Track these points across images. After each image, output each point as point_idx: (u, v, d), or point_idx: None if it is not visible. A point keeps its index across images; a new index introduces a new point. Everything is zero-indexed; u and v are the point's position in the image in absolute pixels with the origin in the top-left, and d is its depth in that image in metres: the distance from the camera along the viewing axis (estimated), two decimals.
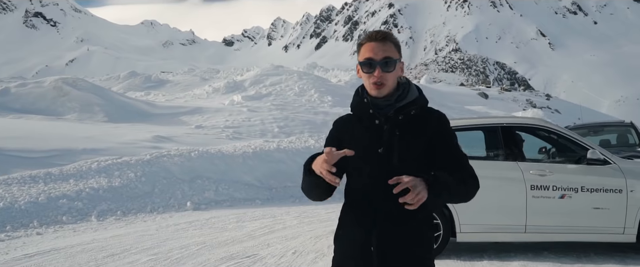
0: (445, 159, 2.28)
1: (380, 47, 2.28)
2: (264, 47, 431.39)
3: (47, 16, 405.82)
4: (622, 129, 12.05)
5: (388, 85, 2.28)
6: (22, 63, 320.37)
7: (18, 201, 9.42)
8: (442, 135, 2.31)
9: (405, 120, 2.28)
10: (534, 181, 6.14)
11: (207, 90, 30.29)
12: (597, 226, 6.12)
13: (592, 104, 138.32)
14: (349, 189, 2.36)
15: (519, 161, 6.33)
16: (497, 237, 6.42)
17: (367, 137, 2.30)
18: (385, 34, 2.32)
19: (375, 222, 2.24)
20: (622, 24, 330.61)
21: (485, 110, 34.91)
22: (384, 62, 2.26)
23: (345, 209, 2.37)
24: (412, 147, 2.25)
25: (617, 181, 6.07)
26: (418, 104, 2.32)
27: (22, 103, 19.69)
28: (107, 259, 6.56)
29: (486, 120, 7.16)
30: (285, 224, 9.01)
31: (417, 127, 2.29)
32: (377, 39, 2.29)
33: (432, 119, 2.32)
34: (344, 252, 2.34)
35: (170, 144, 14.89)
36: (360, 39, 2.39)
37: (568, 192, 6.09)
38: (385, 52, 2.27)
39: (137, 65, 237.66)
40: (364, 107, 2.33)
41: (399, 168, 2.19)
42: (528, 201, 6.11)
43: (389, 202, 2.20)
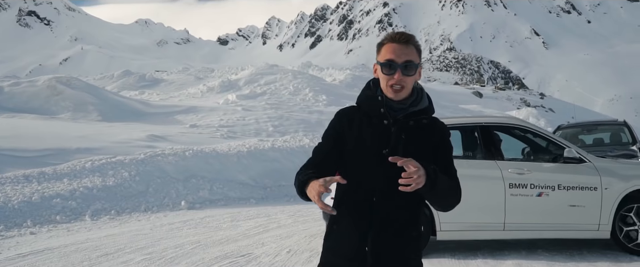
0: (442, 168, 2.27)
1: (402, 49, 2.22)
2: (258, 46, 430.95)
3: (40, 15, 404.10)
4: (615, 128, 12.10)
5: (406, 89, 2.24)
6: (15, 62, 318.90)
7: (11, 200, 9.38)
8: (443, 148, 2.32)
9: (414, 127, 2.27)
10: (512, 179, 6.23)
11: (201, 90, 30.25)
12: (573, 223, 6.24)
13: (585, 103, 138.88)
14: (345, 185, 2.27)
15: (498, 159, 6.42)
16: (477, 235, 6.51)
17: (373, 136, 2.26)
18: (408, 36, 2.26)
19: (372, 223, 2.22)
20: (615, 23, 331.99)
21: (479, 109, 35.00)
22: (405, 66, 2.21)
23: (339, 205, 2.29)
24: (416, 153, 2.20)
25: (592, 179, 6.20)
26: (429, 113, 2.32)
27: (16, 102, 19.60)
28: (101, 258, 6.54)
29: (465, 120, 7.21)
30: (279, 223, 9.01)
31: (424, 134, 2.28)
32: (400, 40, 2.24)
33: (437, 130, 2.32)
34: (336, 250, 2.29)
35: (165, 143, 14.87)
36: (381, 38, 2.32)
37: (545, 190, 6.19)
38: (407, 56, 2.21)
39: (131, 64, 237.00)
40: (375, 104, 2.28)
41: (402, 172, 2.14)
42: (506, 199, 6.21)
43: (388, 203, 2.19)
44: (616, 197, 6.15)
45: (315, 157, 2.36)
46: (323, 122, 15.42)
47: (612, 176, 6.23)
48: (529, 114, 38.01)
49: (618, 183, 6.19)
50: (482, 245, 6.86)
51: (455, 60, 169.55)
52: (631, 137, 11.36)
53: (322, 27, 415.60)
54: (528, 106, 50.84)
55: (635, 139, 11.25)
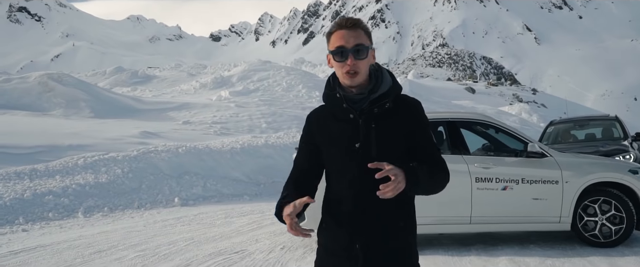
0: (419, 150, 2.24)
1: (351, 34, 2.19)
2: (251, 43, 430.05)
3: (31, 11, 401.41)
4: (607, 123, 12.14)
5: (361, 74, 2.20)
6: (6, 58, 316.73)
7: (3, 197, 9.33)
8: (418, 125, 2.25)
9: (380, 113, 2.21)
10: (478, 173, 6.35)
11: (194, 86, 30.16)
12: (536, 216, 6.40)
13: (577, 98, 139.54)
14: (329, 185, 2.32)
15: (464, 154, 6.53)
16: (444, 228, 6.64)
17: (343, 132, 2.23)
18: (355, 20, 2.23)
19: (357, 220, 2.20)
20: (606, 19, 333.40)
21: (472, 105, 35.08)
22: (356, 50, 2.17)
23: (327, 204, 2.32)
24: (390, 140, 2.20)
25: (553, 173, 6.36)
26: (392, 95, 2.24)
27: (7, 99, 19.47)
28: (94, 255, 6.52)
29: (430, 116, 7.25)
30: (273, 220, 9.00)
31: (394, 118, 2.22)
32: (347, 26, 2.20)
33: (407, 108, 2.26)
34: (327, 248, 2.31)
35: (158, 139, 14.83)
36: (329, 28, 2.30)
37: (510, 184, 6.33)
38: (356, 39, 2.18)
39: (124, 61, 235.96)
40: (336, 101, 2.25)
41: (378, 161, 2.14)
42: (473, 193, 6.33)
43: (371, 199, 2.15)
44: (576, 190, 6.32)
45: (296, 168, 2.39)
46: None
47: (573, 170, 6.39)
48: (521, 109, 38.19)
49: (578, 177, 6.35)
50: (475, 241, 6.89)
51: (448, 56, 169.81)
52: (623, 132, 11.41)
53: (315, 23, 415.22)
54: (520, 102, 51.04)
55: (627, 133, 11.30)
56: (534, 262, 5.82)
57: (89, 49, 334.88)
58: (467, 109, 28.19)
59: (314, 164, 2.33)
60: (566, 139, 11.68)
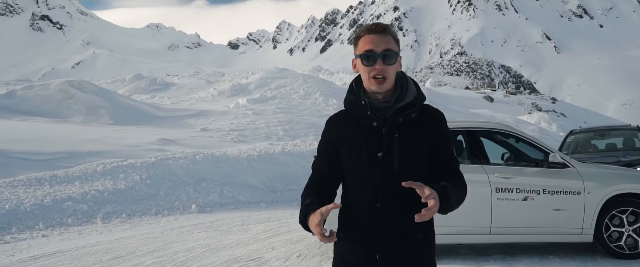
0: (440, 163, 2.21)
1: (380, 39, 2.17)
2: (269, 50, 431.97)
3: (53, 19, 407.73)
4: (628, 133, 11.96)
5: (389, 80, 2.18)
6: (28, 66, 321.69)
7: (24, 203, 9.45)
8: (441, 137, 2.23)
9: (405, 123, 2.18)
10: (498, 183, 6.28)
11: (212, 93, 30.36)
12: (558, 227, 6.30)
13: (598, 108, 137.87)
14: (348, 193, 2.27)
15: (484, 164, 6.47)
16: (463, 239, 6.54)
17: (365, 141, 2.19)
18: (384, 26, 2.21)
19: (377, 231, 2.17)
20: (627, 28, 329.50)
21: (490, 114, 34.83)
22: (384, 55, 2.15)
23: (346, 213, 2.27)
24: (413, 151, 2.17)
25: (575, 184, 6.26)
26: (418, 105, 2.22)
27: (28, 106, 19.77)
28: (112, 261, 6.56)
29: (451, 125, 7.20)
30: (290, 227, 8.99)
31: (417, 128, 2.19)
32: (376, 31, 2.19)
33: (431, 119, 2.23)
34: (345, 258, 2.26)
35: (176, 146, 14.93)
36: (357, 32, 2.29)
37: (531, 195, 6.24)
38: (386, 44, 2.17)
39: (143, 68, 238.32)
40: (360, 108, 2.21)
41: (401, 173, 2.12)
42: (493, 203, 6.25)
43: (392, 210, 2.14)
44: (598, 201, 6.21)
45: (315, 174, 2.34)
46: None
47: (595, 181, 6.29)
48: (540, 118, 37.81)
49: (601, 188, 6.25)
50: (493, 251, 6.81)
51: (466, 64, 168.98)
52: None
53: (332, 31, 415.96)
54: (539, 111, 50.58)
55: None
56: (533, 261, 5.75)
57: (108, 57, 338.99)
58: (485, 117, 27.99)
59: (334, 169, 2.28)
60: (586, 148, 11.52)
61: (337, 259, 2.32)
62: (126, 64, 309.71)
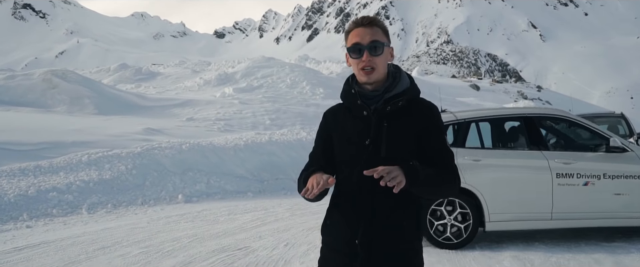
0: (430, 154, 2.22)
1: (367, 31, 2.22)
2: (255, 40, 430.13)
3: (36, 8, 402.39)
4: (612, 120, 12.09)
5: (378, 71, 2.23)
6: (10, 55, 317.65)
7: (7, 194, 9.35)
8: (431, 128, 2.24)
9: (393, 112, 2.22)
10: (559, 169, 6.32)
11: (198, 83, 30.18)
12: (619, 211, 6.37)
13: (582, 96, 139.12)
14: (338, 180, 2.31)
15: (543, 150, 6.51)
16: (525, 225, 6.55)
17: (355, 129, 2.25)
18: (371, 18, 2.27)
19: (361, 216, 2.20)
20: (612, 16, 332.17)
21: (477, 102, 35.00)
22: (371, 46, 2.21)
23: (334, 200, 2.34)
24: (400, 140, 2.20)
25: (636, 168, 6.34)
26: (407, 95, 2.25)
27: (11, 96, 19.52)
28: (98, 252, 6.52)
29: (506, 112, 7.26)
30: (277, 217, 8.99)
31: (406, 119, 2.22)
32: (363, 24, 2.24)
33: (422, 111, 2.25)
34: (329, 244, 2.32)
35: (161, 136, 14.83)
36: (347, 27, 2.34)
37: (591, 180, 6.31)
38: (372, 36, 2.22)
39: (128, 58, 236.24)
40: (352, 97, 2.28)
41: (387, 161, 2.12)
42: (554, 188, 6.29)
43: (376, 196, 2.17)
44: None
45: (312, 163, 2.40)
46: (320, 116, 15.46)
47: None
48: (527, 106, 38.05)
49: None
50: (478, 238, 6.86)
51: (453, 53, 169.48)
52: (628, 129, 11.36)
53: (319, 20, 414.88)
54: (525, 99, 50.94)
55: (632, 131, 11.25)
56: (538, 260, 5.80)
57: (93, 46, 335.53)
58: (472, 106, 28.12)
59: (330, 159, 2.35)
60: None
61: (323, 247, 2.37)
62: (111, 53, 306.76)
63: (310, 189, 2.11)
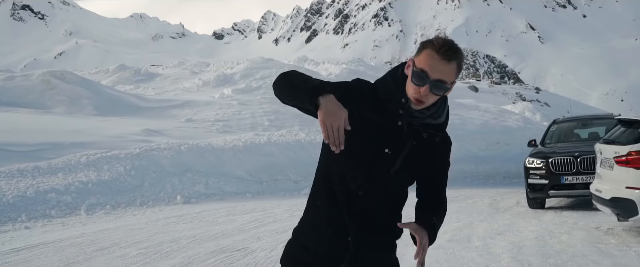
0: (433, 180, 2.25)
1: (443, 66, 1.99)
2: (254, 41, 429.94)
3: (34, 9, 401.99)
4: (611, 122, 12.09)
5: (426, 105, 2.08)
6: (9, 56, 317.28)
7: (6, 195, 9.35)
8: (442, 162, 2.24)
9: (424, 139, 2.14)
10: None
11: (197, 84, 30.15)
12: None
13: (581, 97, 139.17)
14: (334, 163, 2.13)
15: None
16: None
17: (380, 130, 2.08)
18: (453, 53, 2.01)
19: (353, 217, 2.10)
20: (610, 18, 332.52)
21: (475, 104, 35.00)
22: (435, 84, 2.00)
23: (323, 181, 2.17)
24: (415, 162, 2.14)
25: None
26: (443, 129, 2.20)
27: (10, 96, 19.49)
28: (97, 253, 6.52)
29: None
30: (275, 218, 9.00)
31: (429, 150, 2.17)
32: (443, 55, 1.99)
33: (441, 142, 2.21)
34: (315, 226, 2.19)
35: (160, 137, 14.83)
36: (428, 39, 2.10)
37: None
38: (442, 74, 2.00)
39: (127, 59, 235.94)
40: (395, 103, 2.09)
41: (394, 175, 2.11)
42: None
43: (372, 198, 2.11)
44: None
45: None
46: None
47: None
48: (524, 108, 38.09)
49: None
50: (476, 238, 6.86)
51: None
52: None
53: (317, 21, 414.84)
54: (523, 100, 50.94)
55: None
56: (536, 261, 5.81)
57: (92, 47, 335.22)
58: (470, 107, 28.08)
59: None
60: (569, 137, 11.65)
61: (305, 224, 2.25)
62: (110, 54, 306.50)
63: (335, 138, 1.88)
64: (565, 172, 9.46)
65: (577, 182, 9.38)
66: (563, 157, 9.55)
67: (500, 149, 19.88)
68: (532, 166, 9.80)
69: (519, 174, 12.40)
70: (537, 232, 7.41)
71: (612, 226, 7.67)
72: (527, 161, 10.03)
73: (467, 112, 24.50)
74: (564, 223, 8.22)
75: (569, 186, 9.48)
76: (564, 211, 9.61)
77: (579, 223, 8.15)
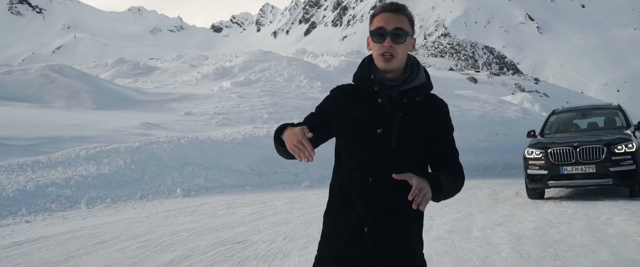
0: (439, 152, 2.25)
1: (393, 17, 2.20)
2: (252, 33, 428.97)
3: (32, 3, 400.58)
4: (610, 111, 12.10)
5: (397, 59, 2.19)
6: (7, 51, 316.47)
7: (6, 189, 9.36)
8: (442, 126, 2.26)
9: (408, 105, 2.20)
10: None
11: (195, 77, 30.11)
12: None
13: (580, 88, 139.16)
14: (340, 166, 2.27)
15: None
16: None
17: (366, 115, 2.20)
18: (399, 5, 2.24)
19: (367, 205, 2.17)
20: (609, 8, 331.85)
21: (474, 95, 34.97)
22: (395, 33, 2.17)
23: (339, 188, 2.27)
24: (411, 133, 2.18)
25: None
26: (424, 90, 2.24)
27: (8, 91, 19.47)
28: (97, 246, 6.54)
29: None
30: (275, 210, 9.02)
31: (419, 113, 2.21)
32: (390, 9, 2.22)
33: (433, 108, 2.25)
34: (335, 231, 2.26)
35: (160, 131, 14.83)
36: (374, 10, 2.32)
37: None
38: (397, 23, 2.18)
39: (125, 52, 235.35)
40: (369, 82, 2.22)
41: (396, 152, 2.15)
42: None
43: (384, 184, 2.14)
44: None
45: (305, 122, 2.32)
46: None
47: None
48: (523, 99, 38.08)
49: None
50: (476, 229, 6.88)
51: (450, 46, 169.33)
52: (625, 121, 11.38)
53: (316, 13, 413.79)
54: (522, 91, 50.91)
55: (630, 122, 11.27)
56: (535, 251, 5.83)
57: (90, 41, 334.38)
58: (469, 98, 28.08)
59: (318, 135, 2.23)
60: (568, 128, 11.66)
61: (326, 231, 2.31)
62: (108, 48, 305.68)
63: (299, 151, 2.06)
64: (565, 163, 9.46)
65: (576, 172, 9.39)
66: (562, 148, 9.55)
67: (499, 140, 19.91)
68: (531, 157, 9.81)
69: (518, 164, 12.42)
70: (537, 223, 7.43)
71: (611, 216, 7.69)
72: (526, 152, 10.04)
73: (466, 104, 24.50)
74: (563, 213, 8.24)
75: (568, 176, 9.49)
76: (563, 202, 9.63)
77: (578, 213, 8.17)
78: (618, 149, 9.29)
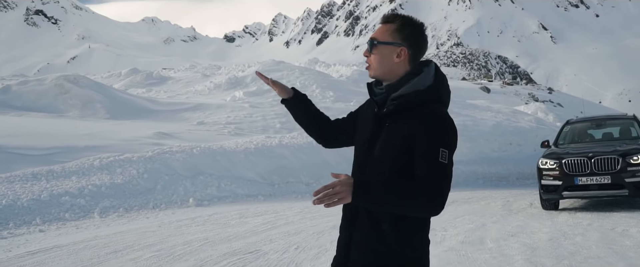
0: (411, 161, 2.07)
1: (379, 28, 2.26)
2: (265, 43, 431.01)
3: (48, 14, 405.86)
4: (625, 122, 11.97)
5: (373, 68, 2.24)
6: (23, 61, 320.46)
7: (20, 198, 9.43)
8: (420, 134, 2.06)
9: (394, 113, 2.14)
10: None
11: (208, 87, 30.25)
12: None
13: (594, 97, 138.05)
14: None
15: None
16: None
17: (365, 124, 2.30)
18: (389, 16, 2.27)
19: (350, 216, 2.22)
20: (623, 17, 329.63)
21: (487, 105, 34.81)
22: (369, 43, 2.24)
23: None
24: (392, 140, 2.11)
25: None
26: (407, 98, 2.12)
27: (24, 101, 19.68)
28: (110, 255, 6.56)
29: None
30: (287, 220, 9.00)
31: (406, 121, 2.10)
32: (381, 20, 2.28)
33: (422, 116, 2.08)
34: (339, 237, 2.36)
35: (172, 140, 14.89)
36: None
37: None
38: (378, 33, 2.23)
39: (139, 62, 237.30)
40: (369, 92, 2.32)
41: (377, 159, 2.15)
42: None
43: None
44: None
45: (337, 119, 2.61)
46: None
47: None
48: (537, 109, 37.84)
49: None
50: (489, 240, 6.81)
51: (463, 55, 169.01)
52: None
53: (328, 23, 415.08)
54: (536, 101, 50.62)
55: None
56: (550, 263, 5.76)
57: (104, 51, 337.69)
58: (482, 108, 27.93)
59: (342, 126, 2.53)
60: (583, 138, 11.54)
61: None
62: (122, 58, 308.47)
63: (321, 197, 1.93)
64: (579, 173, 9.35)
65: (591, 183, 9.27)
66: (577, 158, 9.45)
67: (513, 150, 19.76)
68: (546, 167, 9.72)
69: (532, 175, 12.30)
70: (551, 234, 7.35)
71: (627, 228, 7.59)
72: (540, 162, 9.94)
73: (479, 113, 24.38)
74: (578, 224, 8.15)
75: (583, 187, 9.37)
76: (578, 212, 9.52)
77: (594, 224, 8.07)
78: (634, 159, 9.17)
